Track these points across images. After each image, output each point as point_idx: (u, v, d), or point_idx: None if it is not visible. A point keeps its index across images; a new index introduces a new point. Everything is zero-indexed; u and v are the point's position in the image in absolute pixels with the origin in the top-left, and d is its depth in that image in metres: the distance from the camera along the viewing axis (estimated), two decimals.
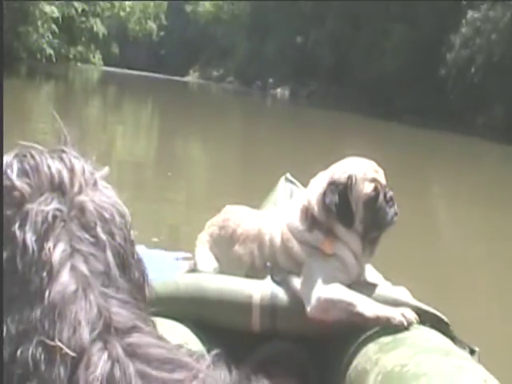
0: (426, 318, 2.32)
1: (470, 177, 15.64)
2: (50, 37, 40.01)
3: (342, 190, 2.44)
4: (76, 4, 43.96)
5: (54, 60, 40.57)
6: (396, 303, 2.33)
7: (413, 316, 2.24)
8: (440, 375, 1.77)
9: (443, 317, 2.36)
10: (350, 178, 2.45)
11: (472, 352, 2.24)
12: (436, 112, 37.26)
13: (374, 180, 2.48)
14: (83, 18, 52.70)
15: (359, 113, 35.26)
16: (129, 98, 34.15)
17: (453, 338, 2.28)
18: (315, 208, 2.50)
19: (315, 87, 54.69)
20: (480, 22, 37.16)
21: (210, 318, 2.47)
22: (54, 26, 39.70)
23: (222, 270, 2.77)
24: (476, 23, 37.46)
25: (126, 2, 70.21)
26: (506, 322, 5.30)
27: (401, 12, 43.56)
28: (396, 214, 2.53)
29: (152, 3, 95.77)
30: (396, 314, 2.22)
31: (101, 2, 58.23)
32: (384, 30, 44.78)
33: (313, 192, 2.54)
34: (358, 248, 2.50)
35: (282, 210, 2.77)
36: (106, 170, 1.18)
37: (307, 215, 2.52)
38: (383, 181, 2.53)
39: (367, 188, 2.46)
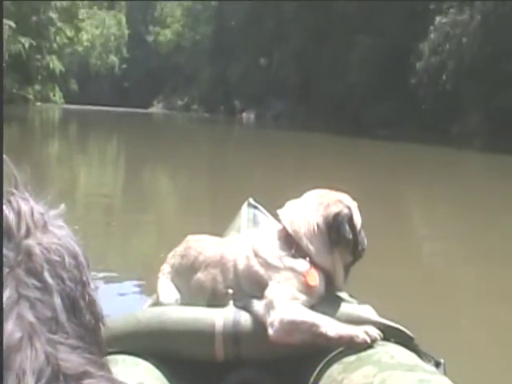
0: (390, 334, 2.32)
1: (449, 189, 15.24)
2: None
3: (349, 222, 2.50)
4: (22, 40, 42.81)
5: None
6: (360, 321, 2.32)
7: (376, 333, 2.22)
8: None
9: (407, 331, 2.36)
10: (349, 208, 2.52)
11: (437, 364, 2.29)
12: (409, 124, 37.17)
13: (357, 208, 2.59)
14: (38, 56, 52.04)
15: (328, 131, 35.31)
16: (93, 135, 33.90)
17: (418, 352, 2.30)
18: (304, 240, 2.49)
19: (282, 108, 54.58)
20: (449, 26, 36.93)
21: (173, 351, 2.43)
22: None
23: (185, 301, 2.74)
24: (445, 28, 37.23)
25: (84, 36, 69.50)
26: (473, 332, 5.47)
27: (364, 22, 43.20)
28: None
29: (112, 37, 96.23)
30: (359, 332, 2.22)
31: (57, 38, 57.98)
32: (348, 43, 44.54)
33: (299, 222, 2.53)
34: (341, 279, 2.56)
35: (247, 236, 2.77)
36: (61, 208, 1.16)
37: (291, 244, 2.51)
38: None
39: (359, 217, 2.56)
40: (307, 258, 2.48)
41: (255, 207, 3.65)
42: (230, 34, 67.18)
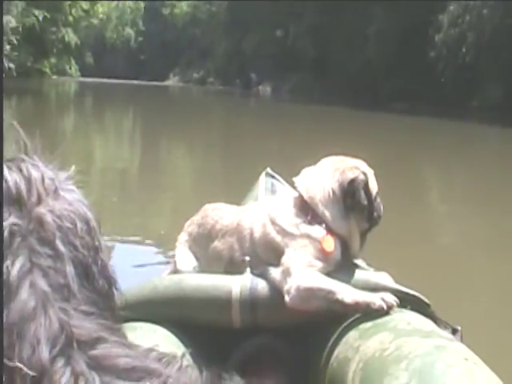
0: (407, 301, 2.33)
1: (467, 165, 14.94)
2: (8, 48, 37.74)
3: (365, 188, 2.51)
4: (36, 12, 42.53)
5: (15, 74, 38.37)
6: (376, 288, 2.34)
7: (393, 299, 2.24)
8: (420, 357, 1.80)
9: (424, 298, 2.37)
10: (365, 174, 2.53)
11: (454, 331, 2.30)
12: (427, 97, 36.75)
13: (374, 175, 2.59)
14: (53, 29, 51.94)
15: (345, 105, 34.98)
16: (109, 108, 33.87)
17: (434, 319, 2.30)
18: (319, 206, 2.50)
19: (298, 81, 54.17)
20: None
21: (190, 318, 2.46)
22: (12, 38, 37.85)
23: (202, 269, 2.78)
24: None
25: (100, 9, 69.40)
26: (490, 300, 5.46)
27: None
28: None
29: (128, 9, 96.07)
30: (375, 299, 2.23)
31: (73, 10, 58.05)
32: (365, 15, 43.98)
33: (315, 189, 2.54)
34: (357, 246, 2.56)
35: (263, 204, 2.80)
36: (71, 170, 1.17)
37: (307, 210, 2.52)
38: None
39: (375, 184, 2.57)
40: (323, 225, 2.49)
41: (273, 177, 3.70)
42: (246, 6, 66.71)
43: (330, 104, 36.38)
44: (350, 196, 2.49)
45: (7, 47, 36.31)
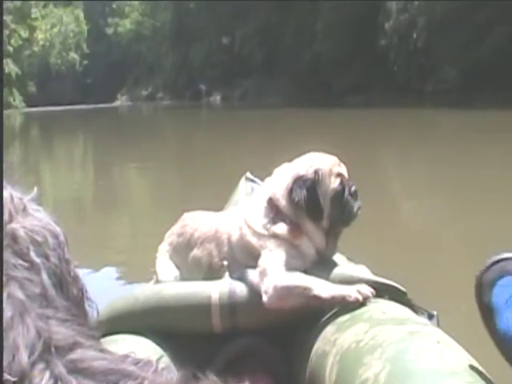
0: (384, 291, 2.38)
1: (425, 150, 14.99)
2: None
3: (310, 186, 2.52)
4: None
5: None
6: (352, 280, 2.39)
7: (368, 290, 2.30)
8: (393, 344, 1.85)
9: (400, 287, 2.42)
10: (316, 172, 2.54)
11: (431, 317, 2.35)
12: (381, 88, 36.68)
13: (339, 174, 2.59)
14: None
15: (297, 104, 35.21)
16: (58, 137, 33.35)
17: (411, 306, 2.35)
18: (281, 202, 2.56)
19: (247, 87, 54.21)
20: None
21: (172, 327, 2.52)
22: None
23: (183, 278, 2.84)
24: None
25: (40, 36, 68.52)
26: (465, 282, 4.78)
27: None
28: (359, 207, 2.65)
29: (71, 33, 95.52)
30: (351, 292, 2.29)
31: (12, 40, 57.26)
32: (312, 10, 43.80)
33: (278, 185, 2.60)
34: (321, 243, 2.58)
35: (240, 208, 2.88)
36: (34, 191, 1.23)
37: (272, 208, 2.58)
38: (346, 175, 2.64)
39: (333, 183, 2.57)
40: (287, 220, 2.52)
41: (252, 181, 3.78)
42: (190, 18, 66.63)
43: (282, 107, 36.65)
44: (294, 192, 2.50)
45: None
